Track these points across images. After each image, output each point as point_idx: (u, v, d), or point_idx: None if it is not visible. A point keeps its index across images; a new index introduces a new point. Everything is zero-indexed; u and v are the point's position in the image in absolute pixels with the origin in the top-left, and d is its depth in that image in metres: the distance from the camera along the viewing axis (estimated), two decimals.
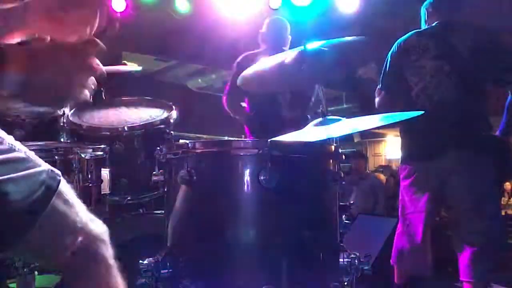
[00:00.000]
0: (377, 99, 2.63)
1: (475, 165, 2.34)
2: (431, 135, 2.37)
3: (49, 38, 0.85)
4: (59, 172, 0.98)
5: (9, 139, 0.95)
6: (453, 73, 2.36)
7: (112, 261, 1.04)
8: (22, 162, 0.92)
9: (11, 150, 0.92)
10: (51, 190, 0.93)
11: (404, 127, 2.57)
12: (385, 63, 2.58)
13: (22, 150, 0.95)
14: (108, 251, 1.04)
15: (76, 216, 0.98)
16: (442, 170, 2.37)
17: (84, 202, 1.06)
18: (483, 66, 2.37)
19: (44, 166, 0.96)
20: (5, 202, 0.86)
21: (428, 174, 2.43)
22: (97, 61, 0.89)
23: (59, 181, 0.96)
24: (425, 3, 2.63)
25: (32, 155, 0.97)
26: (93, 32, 0.92)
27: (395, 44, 2.56)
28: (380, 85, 2.60)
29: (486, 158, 2.35)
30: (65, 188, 0.98)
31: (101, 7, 0.93)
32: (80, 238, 0.98)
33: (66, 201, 0.97)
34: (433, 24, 2.53)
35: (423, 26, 2.64)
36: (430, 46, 2.42)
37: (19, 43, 0.85)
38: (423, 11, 2.65)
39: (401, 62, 2.51)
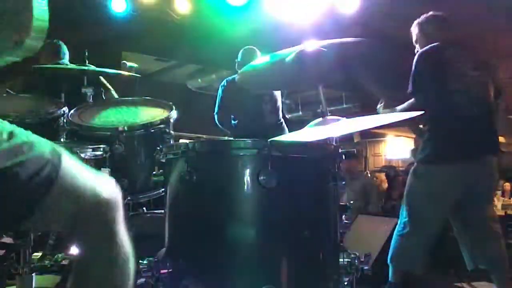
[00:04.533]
0: (405, 104, 2.65)
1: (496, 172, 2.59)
2: (468, 140, 2.51)
3: None
4: (61, 149, 1.04)
5: (8, 126, 1.00)
6: (485, 85, 2.60)
7: (121, 225, 1.09)
8: (25, 146, 0.98)
9: (13, 136, 0.98)
10: (56, 167, 0.99)
11: (438, 129, 2.60)
12: (416, 70, 2.59)
13: (23, 134, 1.00)
14: (118, 215, 1.08)
15: (84, 185, 1.04)
16: (473, 173, 2.51)
17: None
18: None
19: (47, 145, 1.02)
20: (14, 184, 0.93)
21: (459, 176, 2.52)
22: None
23: (62, 158, 1.02)
24: (421, 23, 2.75)
25: (33, 137, 1.02)
26: None
27: (422, 53, 2.62)
28: (412, 89, 2.60)
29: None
30: (70, 162, 1.04)
31: None
32: (88, 205, 1.04)
33: (71, 174, 1.03)
34: (449, 40, 2.65)
35: (420, 42, 2.74)
36: (466, 58, 2.61)
37: None
38: (420, 29, 2.74)
39: (442, 68, 2.60)
